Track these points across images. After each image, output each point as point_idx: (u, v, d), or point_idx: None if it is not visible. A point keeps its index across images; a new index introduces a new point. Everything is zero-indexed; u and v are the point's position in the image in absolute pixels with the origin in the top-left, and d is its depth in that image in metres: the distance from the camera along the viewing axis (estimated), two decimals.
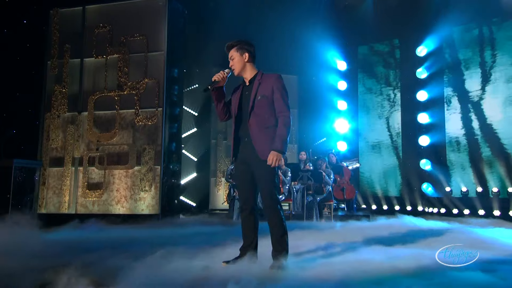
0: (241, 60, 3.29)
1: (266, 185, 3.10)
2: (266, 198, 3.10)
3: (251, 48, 3.34)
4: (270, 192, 3.09)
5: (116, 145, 7.57)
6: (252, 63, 3.33)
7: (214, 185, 10.04)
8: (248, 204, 3.23)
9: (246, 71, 3.32)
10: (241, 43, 3.33)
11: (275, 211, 3.08)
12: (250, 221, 3.23)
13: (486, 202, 8.67)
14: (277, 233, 3.08)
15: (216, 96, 3.34)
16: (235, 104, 3.31)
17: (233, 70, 3.33)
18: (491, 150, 8.96)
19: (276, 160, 3.03)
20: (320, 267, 3.01)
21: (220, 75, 3.27)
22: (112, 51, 7.79)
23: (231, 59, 3.33)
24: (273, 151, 3.05)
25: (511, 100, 8.78)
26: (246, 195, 3.24)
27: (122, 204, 7.40)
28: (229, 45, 3.35)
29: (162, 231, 5.40)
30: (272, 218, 3.09)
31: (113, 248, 3.77)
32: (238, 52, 3.30)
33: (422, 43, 9.99)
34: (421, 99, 9.95)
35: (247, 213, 3.23)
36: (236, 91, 3.39)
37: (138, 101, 7.53)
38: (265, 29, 9.73)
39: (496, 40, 9.12)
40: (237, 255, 3.22)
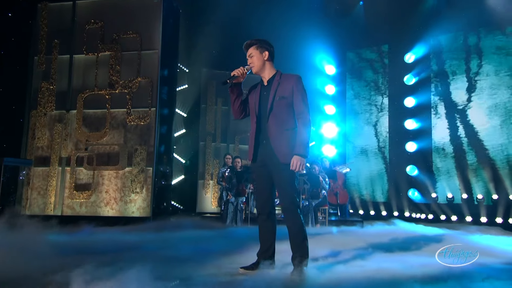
0: (261, 58, 3.25)
1: (286, 189, 3.06)
2: (286, 202, 3.06)
3: (271, 48, 3.31)
4: (290, 196, 3.06)
5: (106, 145, 7.39)
6: (271, 63, 3.30)
7: (202, 187, 9.94)
8: (266, 208, 3.19)
9: (265, 70, 3.28)
10: (261, 41, 3.29)
11: (295, 215, 3.05)
12: (268, 226, 3.19)
13: (471, 209, 8.89)
14: (297, 238, 3.04)
15: (234, 92, 3.29)
16: (253, 104, 3.26)
17: (251, 68, 3.28)
18: (476, 157, 9.21)
19: (300, 165, 3.01)
20: (340, 275, 3.00)
21: (240, 71, 3.22)
22: (103, 48, 7.61)
23: (249, 56, 3.28)
24: (296, 155, 3.02)
25: (496, 108, 9.05)
26: (264, 199, 3.19)
27: (112, 206, 7.23)
28: (248, 43, 3.30)
29: (159, 235, 5.28)
30: (292, 223, 3.05)
31: (118, 253, 3.66)
32: (258, 50, 3.26)
33: (411, 50, 10.19)
34: (408, 105, 10.14)
35: (265, 217, 3.19)
36: (253, 90, 3.34)
37: (130, 100, 7.38)
38: (254, 31, 9.68)
39: (482, 49, 9.38)
40: (254, 260, 3.18)
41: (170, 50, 7.67)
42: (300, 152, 3.03)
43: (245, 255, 3.60)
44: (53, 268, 2.90)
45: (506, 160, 8.83)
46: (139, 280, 2.49)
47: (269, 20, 9.79)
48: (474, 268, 3.27)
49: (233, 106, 3.33)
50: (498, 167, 8.88)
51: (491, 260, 3.68)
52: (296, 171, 3.02)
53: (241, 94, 3.32)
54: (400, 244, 4.67)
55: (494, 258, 3.83)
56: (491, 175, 8.91)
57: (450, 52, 9.84)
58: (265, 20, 9.80)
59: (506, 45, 9.07)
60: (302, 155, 3.02)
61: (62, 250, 3.79)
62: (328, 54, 11.03)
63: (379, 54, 10.91)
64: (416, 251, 4.19)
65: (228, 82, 3.23)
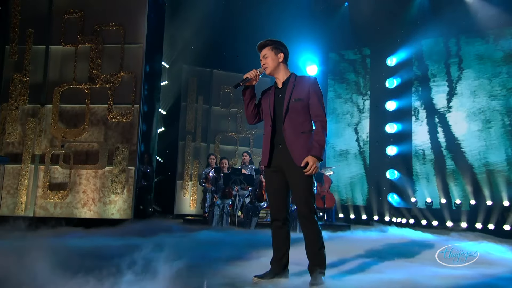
0: (275, 60, 3.18)
1: (303, 194, 2.99)
2: (303, 208, 2.99)
3: (286, 50, 3.24)
4: (307, 201, 2.99)
5: (85, 142, 7.09)
6: (285, 64, 3.23)
7: (180, 188, 9.73)
8: (281, 214, 3.11)
9: (279, 72, 3.21)
10: (276, 42, 3.22)
11: (312, 222, 2.99)
12: (282, 233, 3.12)
13: (450, 214, 9.13)
14: (314, 246, 2.97)
15: (247, 95, 3.21)
16: (267, 107, 3.18)
17: (265, 69, 3.20)
18: (455, 162, 9.48)
19: (315, 168, 2.95)
20: (358, 284, 2.98)
21: (253, 73, 3.15)
22: (83, 40, 7.30)
23: (264, 57, 3.19)
24: (311, 156, 2.95)
25: (475, 114, 9.34)
26: (279, 205, 3.12)
27: (89, 207, 6.94)
28: (262, 44, 3.22)
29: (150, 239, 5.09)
30: (309, 230, 2.99)
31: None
32: (273, 51, 3.18)
33: (393, 53, 10.38)
34: (389, 108, 10.32)
35: (279, 224, 3.11)
36: (267, 93, 3.26)
37: (111, 95, 7.12)
38: (237, 28, 9.64)
39: (462, 55, 9.66)
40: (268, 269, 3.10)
41: (155, 44, 7.47)
42: (316, 154, 2.96)
43: (255, 263, 3.53)
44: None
45: (483, 165, 9.12)
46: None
47: (253, 18, 9.73)
48: (485, 280, 3.31)
49: (247, 110, 3.25)
50: (476, 172, 9.17)
51: (497, 270, 3.74)
52: (309, 174, 2.95)
53: (254, 97, 3.24)
54: (399, 251, 4.70)
55: (496, 267, 3.89)
56: (470, 180, 9.18)
57: (431, 57, 10.07)
58: (249, 17, 9.74)
59: (485, 51, 9.38)
60: (318, 158, 2.97)
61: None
62: (311, 54, 11.07)
63: (362, 56, 11.05)
64: (419, 258, 4.23)
65: (241, 84, 3.14)
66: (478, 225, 8.41)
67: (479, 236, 7.28)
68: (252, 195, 7.12)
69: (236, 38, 9.64)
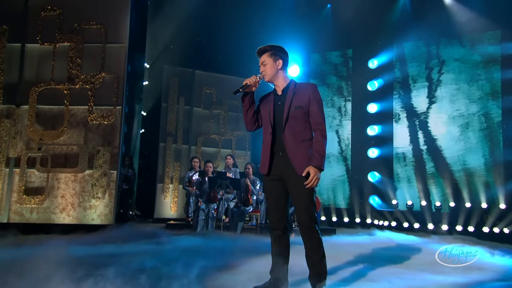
0: (274, 67, 3.15)
1: (304, 203, 2.98)
2: (304, 217, 2.98)
3: (285, 56, 3.22)
4: (309, 210, 2.98)
5: (64, 145, 6.90)
6: (284, 71, 3.21)
7: (161, 191, 9.59)
8: (281, 223, 3.09)
9: (278, 79, 3.18)
10: (275, 48, 3.19)
11: (313, 231, 2.98)
12: (282, 242, 3.10)
13: (430, 216, 9.31)
14: (316, 255, 2.97)
15: (246, 101, 3.18)
16: (267, 114, 3.15)
17: (263, 76, 3.18)
18: (435, 165, 9.68)
19: (317, 179, 2.96)
20: None
21: (252, 79, 3.12)
22: (62, 39, 7.10)
23: (262, 64, 3.17)
24: (313, 167, 2.95)
25: (454, 117, 9.56)
26: (279, 214, 3.10)
27: (68, 213, 6.76)
28: (261, 49, 3.19)
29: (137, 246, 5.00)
30: (310, 239, 2.98)
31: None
32: (272, 58, 3.15)
33: (374, 56, 10.52)
34: (371, 111, 10.45)
35: (279, 233, 3.10)
36: (265, 100, 3.24)
37: (92, 97, 6.95)
38: (220, 28, 9.59)
39: (442, 58, 9.88)
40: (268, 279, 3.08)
41: (137, 44, 7.33)
42: (318, 164, 2.96)
43: (247, 270, 3.51)
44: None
45: (462, 168, 9.35)
46: None
47: (235, 18, 9.71)
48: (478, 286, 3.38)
49: (246, 117, 3.21)
50: (456, 175, 9.39)
51: (488, 275, 3.82)
52: (311, 185, 2.95)
53: (253, 104, 3.21)
54: (391, 256, 4.77)
55: (487, 272, 3.98)
56: (449, 183, 9.40)
57: (412, 60, 10.25)
58: (232, 17, 9.71)
59: (464, 56, 9.62)
60: (320, 168, 2.97)
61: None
62: (293, 55, 11.09)
63: (344, 58, 11.16)
64: (416, 264, 4.30)
65: (240, 91, 3.11)
66: (458, 228, 8.63)
67: (459, 238, 7.46)
68: (238, 199, 7.08)
69: (218, 38, 9.59)
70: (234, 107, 10.45)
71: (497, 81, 9.25)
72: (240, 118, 10.49)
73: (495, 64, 9.33)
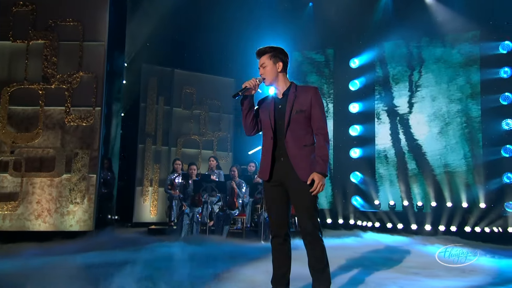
0: (274, 70, 3.09)
1: (307, 209, 2.94)
2: (307, 224, 2.92)
3: (286, 58, 3.16)
4: (312, 217, 2.93)
5: (39, 148, 6.62)
6: (285, 74, 3.15)
7: (140, 195, 9.38)
8: (282, 230, 3.03)
9: (278, 81, 3.13)
10: (275, 50, 3.13)
11: (317, 239, 2.93)
12: (284, 250, 3.04)
13: (412, 216, 9.42)
14: (319, 264, 2.91)
15: (246, 105, 3.10)
16: (267, 118, 3.08)
17: (263, 79, 3.10)
18: (416, 165, 9.81)
19: (322, 185, 2.91)
20: None
21: (252, 82, 3.04)
22: (35, 36, 6.82)
23: (262, 66, 3.10)
24: (317, 173, 2.89)
25: (435, 117, 9.71)
26: (280, 220, 3.04)
27: (44, 219, 6.50)
28: (261, 51, 3.12)
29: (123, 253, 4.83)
30: (314, 247, 2.93)
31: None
32: (271, 60, 3.09)
33: (356, 55, 10.57)
34: (353, 111, 10.50)
35: (281, 240, 3.03)
36: (265, 103, 3.16)
37: (69, 97, 6.70)
38: (200, 27, 9.45)
39: (423, 58, 10.02)
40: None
41: (116, 42, 7.12)
42: (322, 170, 2.91)
43: (243, 281, 3.42)
44: None
45: (443, 168, 9.52)
46: None
47: (216, 16, 9.59)
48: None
49: (245, 121, 3.13)
50: (437, 174, 9.55)
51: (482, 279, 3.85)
52: (316, 192, 2.91)
53: (253, 108, 3.14)
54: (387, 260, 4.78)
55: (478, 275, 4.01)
56: (431, 183, 9.54)
57: (393, 60, 10.35)
58: (212, 15, 9.58)
59: (444, 55, 9.79)
60: (324, 174, 2.92)
61: None
62: None
63: (326, 57, 11.17)
64: (404, 268, 4.30)
65: (240, 94, 3.03)
66: (441, 228, 8.77)
67: (442, 239, 7.57)
68: (223, 203, 6.98)
69: (198, 36, 9.45)
70: (215, 107, 10.32)
71: (476, 81, 9.44)
72: (221, 118, 10.38)
73: (474, 64, 9.52)
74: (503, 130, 8.93)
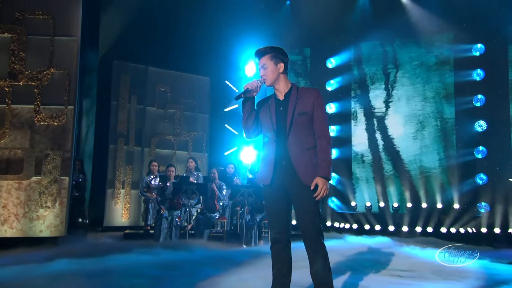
0: (275, 71, 3.06)
1: (310, 214, 2.92)
2: (310, 229, 2.91)
3: (286, 58, 3.13)
4: (315, 222, 2.92)
5: (5, 149, 6.32)
6: (286, 75, 3.12)
7: (111, 197, 9.13)
8: (283, 236, 3.00)
9: (280, 83, 3.09)
10: (276, 50, 3.09)
11: (320, 244, 2.91)
12: (285, 256, 3.00)
13: (390, 218, 9.60)
14: (321, 270, 2.89)
15: (247, 108, 3.05)
16: (268, 121, 3.04)
17: (264, 81, 3.07)
18: (392, 166, 10.02)
19: (326, 190, 2.90)
20: None
21: (254, 84, 3.01)
22: (2, 29, 6.50)
23: (263, 67, 3.06)
24: (321, 178, 2.89)
25: (411, 118, 9.94)
26: (281, 225, 3.01)
27: (11, 225, 6.21)
28: (261, 51, 3.08)
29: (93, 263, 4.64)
30: (316, 253, 2.90)
31: None
32: (273, 61, 3.05)
33: (333, 55, 10.68)
34: (329, 111, 10.60)
35: (281, 246, 3.00)
36: (265, 106, 3.13)
37: (39, 95, 6.43)
38: (176, 24, 9.31)
39: (399, 59, 10.25)
40: None
41: (90, 36, 6.89)
42: (325, 174, 2.91)
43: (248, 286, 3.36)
44: None
45: (419, 169, 9.75)
46: None
47: (192, 12, 9.47)
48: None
49: (246, 124, 3.09)
50: (412, 175, 9.78)
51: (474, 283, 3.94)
52: (320, 197, 2.90)
53: (254, 110, 3.09)
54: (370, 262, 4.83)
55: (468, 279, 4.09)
56: (407, 183, 9.76)
57: (370, 61, 10.52)
58: (188, 11, 9.44)
59: (420, 57, 10.04)
60: (328, 178, 2.92)
61: None
62: (251, 52, 10.97)
63: (303, 57, 11.22)
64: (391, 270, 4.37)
65: (242, 96, 2.99)
66: (418, 229, 8.98)
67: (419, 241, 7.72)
68: (204, 206, 6.88)
69: (173, 33, 9.30)
70: (191, 106, 10.19)
71: (450, 83, 9.73)
72: (197, 118, 10.25)
73: (448, 66, 9.82)
74: (476, 131, 9.25)
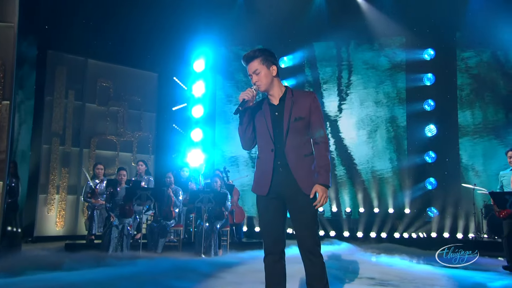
0: (269, 75, 3.01)
1: (308, 224, 2.92)
2: (308, 240, 2.91)
3: (276, 61, 3.09)
4: (313, 233, 2.92)
5: None
6: (279, 78, 3.08)
7: (43, 204, 8.55)
8: (277, 247, 2.98)
9: (274, 87, 3.05)
10: (265, 53, 3.03)
11: (317, 256, 2.91)
12: (279, 268, 2.99)
13: (347, 223, 9.86)
14: (319, 282, 2.90)
15: (246, 119, 3.01)
16: (264, 127, 3.00)
17: (258, 87, 3.00)
18: (345, 170, 10.32)
19: (326, 198, 2.91)
20: None
21: (250, 93, 2.95)
22: None
23: (255, 73, 3.00)
24: (320, 185, 2.89)
25: (364, 121, 10.30)
26: (276, 236, 2.98)
27: None
28: (249, 56, 3.01)
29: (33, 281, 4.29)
30: (313, 265, 2.90)
31: None
32: (264, 64, 3.00)
33: (286, 55, 10.79)
34: None
35: (276, 258, 2.97)
36: (259, 112, 3.07)
37: None
38: (123, 15, 8.96)
39: (352, 62, 10.58)
40: None
41: (29, 24, 6.41)
42: (325, 182, 2.93)
43: None
44: None
45: (371, 173, 10.13)
46: None
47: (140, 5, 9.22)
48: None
49: (244, 135, 3.05)
50: (365, 180, 10.13)
51: None
52: (320, 205, 2.90)
53: (252, 120, 3.04)
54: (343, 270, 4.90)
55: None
56: (360, 188, 10.09)
57: (323, 62, 10.76)
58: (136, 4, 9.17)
59: (373, 59, 10.43)
60: (327, 186, 2.92)
61: None
62: (202, 48, 10.82)
63: None
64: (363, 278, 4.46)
65: (240, 109, 2.93)
66: (372, 234, 9.31)
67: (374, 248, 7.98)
68: (158, 212, 6.63)
69: (118, 23, 8.92)
70: (136, 104, 9.82)
71: (402, 87, 10.21)
72: (143, 116, 9.90)
73: (400, 70, 10.29)
74: (426, 136, 9.77)
